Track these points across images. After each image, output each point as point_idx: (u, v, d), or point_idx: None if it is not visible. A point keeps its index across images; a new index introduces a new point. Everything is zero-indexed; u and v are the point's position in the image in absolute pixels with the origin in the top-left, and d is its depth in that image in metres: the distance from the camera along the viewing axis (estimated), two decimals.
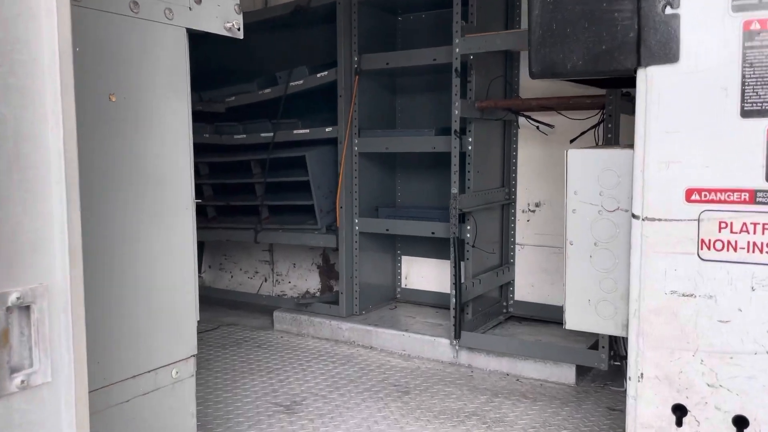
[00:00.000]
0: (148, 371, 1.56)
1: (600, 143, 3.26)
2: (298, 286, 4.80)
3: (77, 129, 0.95)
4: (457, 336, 3.39)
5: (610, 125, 2.93)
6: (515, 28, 3.77)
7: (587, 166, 1.86)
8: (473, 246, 3.50)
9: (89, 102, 1.46)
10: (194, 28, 1.60)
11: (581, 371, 3.24)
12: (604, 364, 3.02)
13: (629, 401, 1.82)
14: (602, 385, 3.19)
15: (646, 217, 1.73)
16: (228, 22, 1.59)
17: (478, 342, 3.39)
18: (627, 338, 1.83)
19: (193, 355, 1.76)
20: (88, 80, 1.46)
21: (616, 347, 3.08)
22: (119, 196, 1.58)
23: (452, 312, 3.40)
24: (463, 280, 3.44)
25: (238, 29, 1.69)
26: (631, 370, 1.80)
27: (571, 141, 3.43)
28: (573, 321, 1.94)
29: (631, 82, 1.80)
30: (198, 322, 1.89)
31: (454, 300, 3.38)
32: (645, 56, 1.72)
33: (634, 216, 1.76)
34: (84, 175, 1.33)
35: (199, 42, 4.99)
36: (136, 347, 1.55)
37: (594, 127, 3.31)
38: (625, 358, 2.15)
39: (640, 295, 1.75)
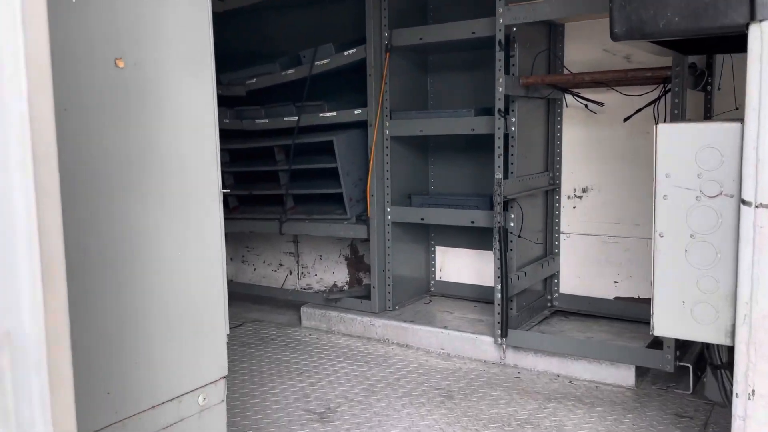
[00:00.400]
0: (170, 400, 1.29)
1: (663, 121, 2.95)
2: (325, 279, 4.55)
3: (69, 101, 0.68)
4: (504, 334, 3.11)
5: (677, 100, 2.62)
6: None
7: (682, 143, 1.56)
8: (519, 236, 3.21)
9: (89, 68, 1.19)
10: None
11: (640, 372, 2.95)
12: (670, 365, 2.73)
13: (736, 422, 1.53)
14: (665, 387, 2.90)
15: (761, 204, 1.43)
16: None
17: (527, 340, 3.12)
18: (730, 346, 1.54)
19: (224, 377, 1.49)
20: (88, 39, 1.17)
21: (691, 350, 2.78)
22: (131, 187, 1.28)
23: (497, 308, 3.13)
24: (508, 273, 3.16)
25: None
26: (739, 386, 1.51)
27: (625, 119, 3.12)
28: (663, 326, 1.66)
29: (739, 43, 1.50)
30: None
31: (499, 295, 3.10)
32: (761, 8, 1.42)
33: (744, 202, 1.46)
34: (84, 162, 1.07)
35: (219, 22, 4.72)
36: (155, 371, 1.27)
37: (653, 102, 2.99)
38: (722, 367, 1.86)
39: (752, 297, 1.46)
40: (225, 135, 4.54)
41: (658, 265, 1.65)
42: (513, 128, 3.20)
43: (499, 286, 3.11)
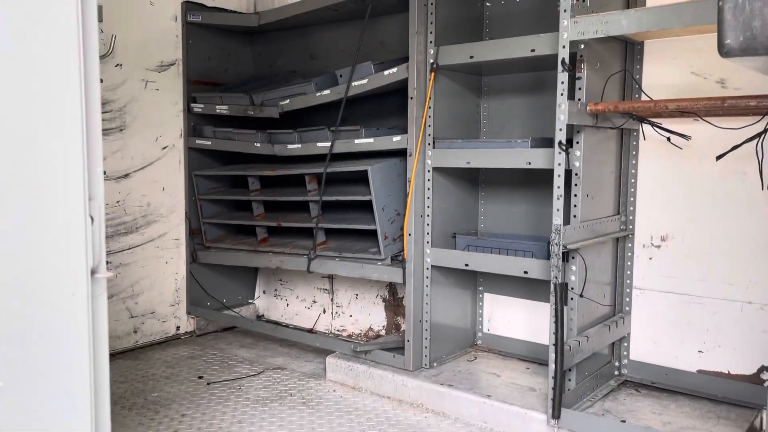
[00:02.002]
0: None
1: (765, 160, 2.37)
2: (360, 321, 4.10)
3: None
4: (557, 414, 2.56)
5: None
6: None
7: None
8: (581, 295, 2.67)
9: None
10: None
11: None
12: None
13: None
14: None
15: None
16: None
17: (584, 424, 2.55)
18: None
19: None
20: None
21: None
22: None
23: (550, 381, 2.58)
24: (565, 338, 2.62)
25: None
26: None
27: (718, 157, 2.53)
28: None
29: None
30: (243, 361, 1.16)
31: (554, 366, 2.56)
32: None
33: None
34: None
35: (255, 38, 4.42)
36: None
37: (756, 137, 2.40)
38: None
39: None
40: (256, 159, 4.23)
41: None
42: (577, 163, 2.67)
43: (554, 356, 2.56)
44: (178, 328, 4.17)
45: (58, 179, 0.81)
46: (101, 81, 3.62)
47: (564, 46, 2.50)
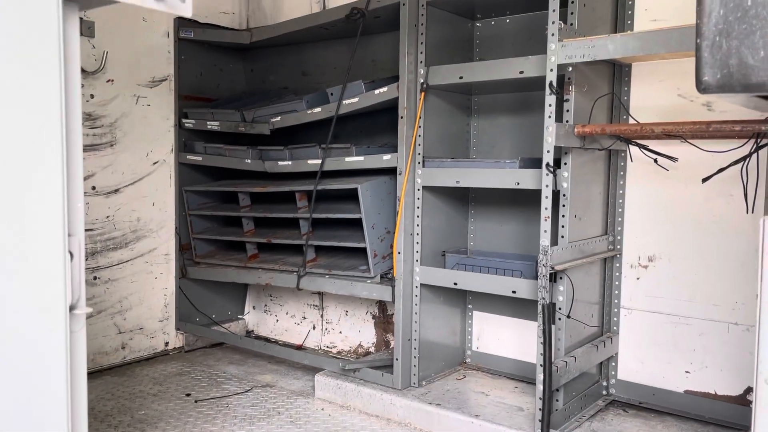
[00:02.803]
0: None
1: (755, 184, 2.39)
2: (350, 337, 4.09)
3: None
4: None
5: None
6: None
7: None
8: (568, 317, 2.68)
9: None
10: None
11: None
12: None
13: None
14: None
15: None
16: None
17: None
18: None
19: None
20: None
21: None
22: None
23: (538, 402, 2.58)
24: (553, 359, 2.63)
25: (183, 0, 0.89)
26: None
27: (704, 180, 2.56)
28: None
29: None
30: (231, 378, 1.16)
31: (541, 387, 2.56)
32: None
33: None
34: None
35: (248, 55, 4.43)
36: None
37: (741, 161, 2.43)
38: None
39: None
40: (247, 175, 4.24)
41: (758, 425, 1.12)
42: (565, 184, 2.69)
43: (542, 376, 2.57)
44: (166, 343, 4.15)
45: (37, 215, 0.81)
46: (92, 96, 3.64)
47: (552, 70, 2.52)
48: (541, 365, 2.57)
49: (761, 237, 1.11)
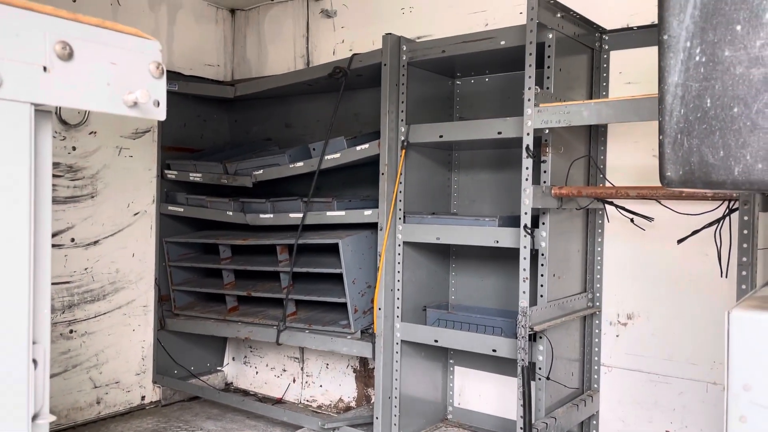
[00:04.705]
0: None
1: (724, 246, 2.43)
2: (331, 391, 4.04)
3: None
4: None
5: (746, 231, 2.10)
6: (601, 97, 3.04)
7: None
8: (548, 378, 2.67)
9: None
10: (51, 103, 0.84)
11: None
12: None
13: None
14: None
15: None
16: (131, 94, 0.88)
17: None
18: None
19: None
20: None
21: None
22: None
23: None
24: (533, 420, 2.61)
25: (156, 105, 0.91)
26: None
27: (680, 241, 2.60)
28: None
29: None
30: None
31: None
32: None
33: None
34: None
35: (232, 108, 4.47)
36: None
37: (715, 223, 2.48)
38: None
39: None
40: (228, 226, 4.23)
41: None
42: (543, 243, 2.72)
43: None
44: (143, 397, 4.07)
45: (1, 323, 0.80)
46: (74, 148, 3.64)
47: (528, 134, 2.57)
48: (521, 428, 2.55)
49: (726, 333, 1.13)
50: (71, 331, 3.66)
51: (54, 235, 3.58)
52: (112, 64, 0.86)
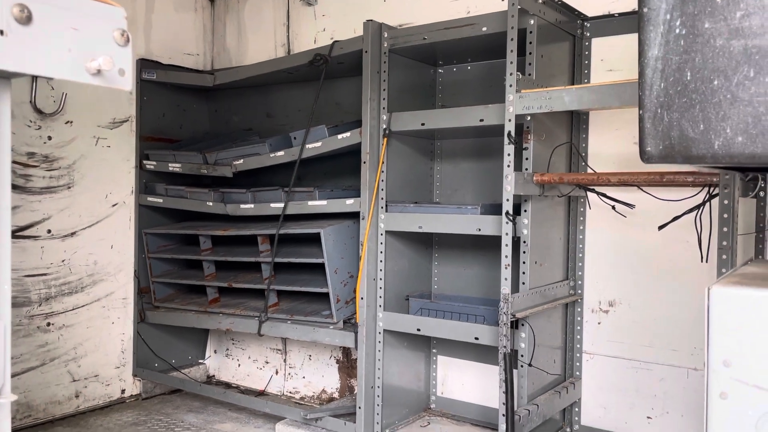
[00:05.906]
0: None
1: (704, 231, 2.44)
2: (314, 382, 4.02)
3: None
4: None
5: (726, 215, 2.11)
6: (583, 83, 3.03)
7: (756, 317, 1.05)
8: (530, 365, 2.67)
9: None
10: (8, 69, 0.81)
11: None
12: None
13: None
14: None
15: None
16: (94, 61, 0.84)
17: None
18: None
19: None
20: None
21: None
22: None
23: None
24: (516, 407, 2.60)
25: (121, 74, 0.88)
26: None
27: (660, 227, 2.60)
28: None
29: None
30: (189, 428, 1.12)
31: None
32: None
33: None
34: None
35: (211, 97, 4.42)
36: None
37: (695, 209, 2.48)
38: None
39: None
40: (209, 217, 4.18)
41: None
42: (525, 231, 2.71)
43: (504, 426, 2.54)
44: (123, 391, 4.01)
45: None
46: (49, 138, 3.57)
47: (510, 120, 2.56)
48: (503, 415, 2.55)
49: (706, 309, 1.12)
50: (48, 324, 3.60)
51: (30, 226, 3.51)
52: (73, 29, 0.82)
